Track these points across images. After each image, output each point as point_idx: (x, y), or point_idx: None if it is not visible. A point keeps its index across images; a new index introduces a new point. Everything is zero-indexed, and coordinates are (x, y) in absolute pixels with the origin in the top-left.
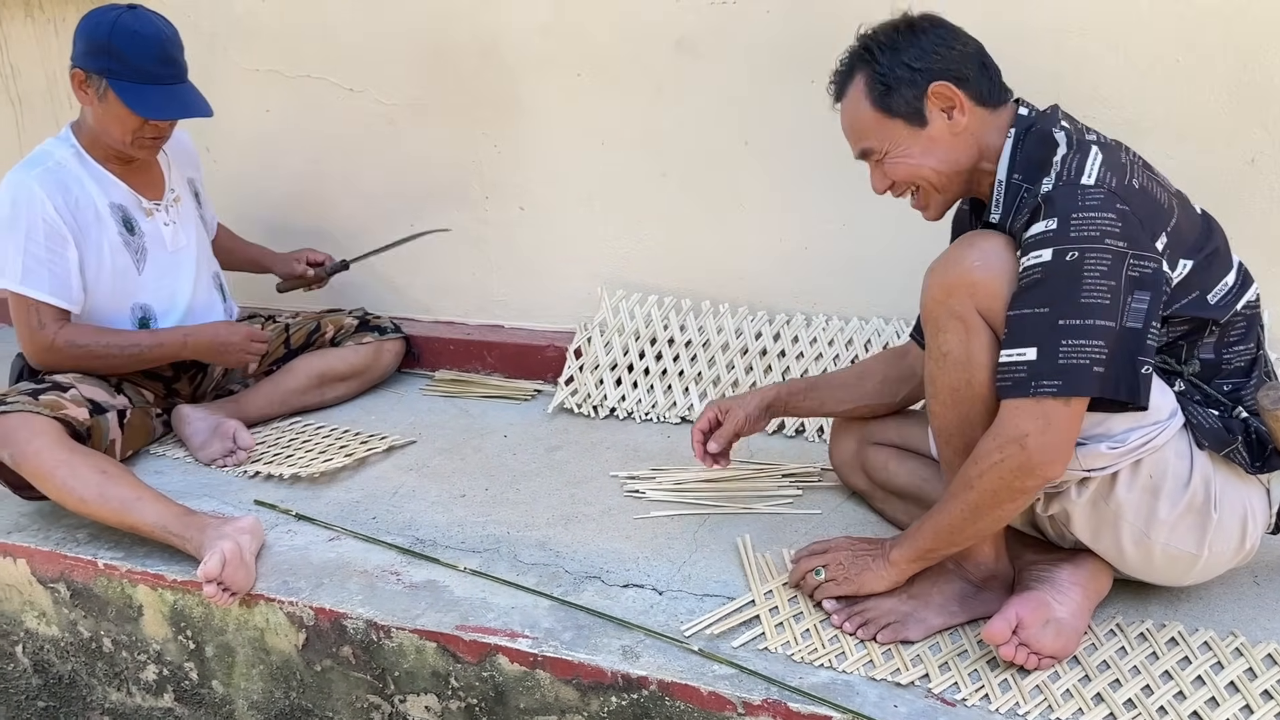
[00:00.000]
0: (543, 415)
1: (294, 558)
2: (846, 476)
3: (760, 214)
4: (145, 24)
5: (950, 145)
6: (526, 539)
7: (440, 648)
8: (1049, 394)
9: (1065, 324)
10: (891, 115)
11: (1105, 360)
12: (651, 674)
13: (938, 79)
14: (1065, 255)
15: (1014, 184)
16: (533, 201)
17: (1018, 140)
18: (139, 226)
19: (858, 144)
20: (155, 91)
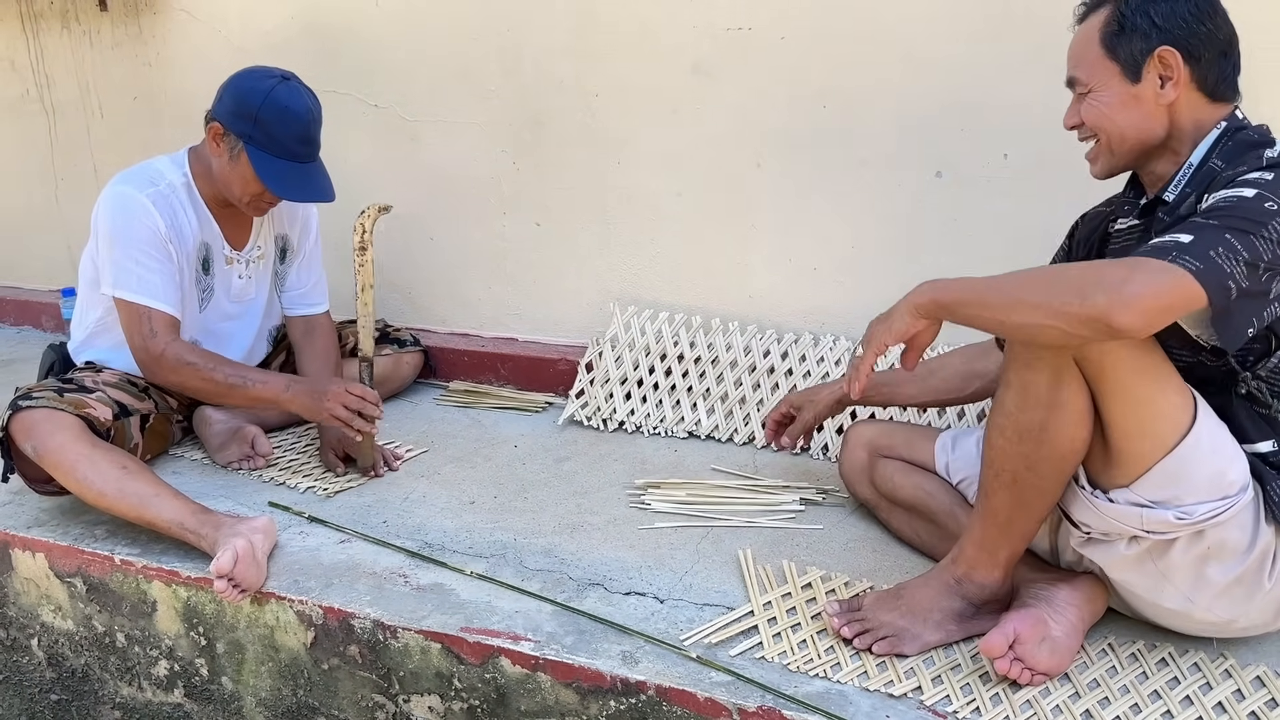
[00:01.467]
0: (553, 427)
1: (305, 558)
2: (854, 486)
3: (771, 235)
4: (297, 100)
5: (1149, 113)
6: (532, 546)
7: (445, 649)
8: (1185, 266)
9: (1230, 239)
10: (1112, 57)
11: (1238, 290)
12: (650, 679)
13: (1170, 45)
14: (1265, 202)
15: (1211, 167)
16: (549, 218)
17: (1225, 134)
18: (214, 268)
19: (1071, 69)
20: (289, 168)
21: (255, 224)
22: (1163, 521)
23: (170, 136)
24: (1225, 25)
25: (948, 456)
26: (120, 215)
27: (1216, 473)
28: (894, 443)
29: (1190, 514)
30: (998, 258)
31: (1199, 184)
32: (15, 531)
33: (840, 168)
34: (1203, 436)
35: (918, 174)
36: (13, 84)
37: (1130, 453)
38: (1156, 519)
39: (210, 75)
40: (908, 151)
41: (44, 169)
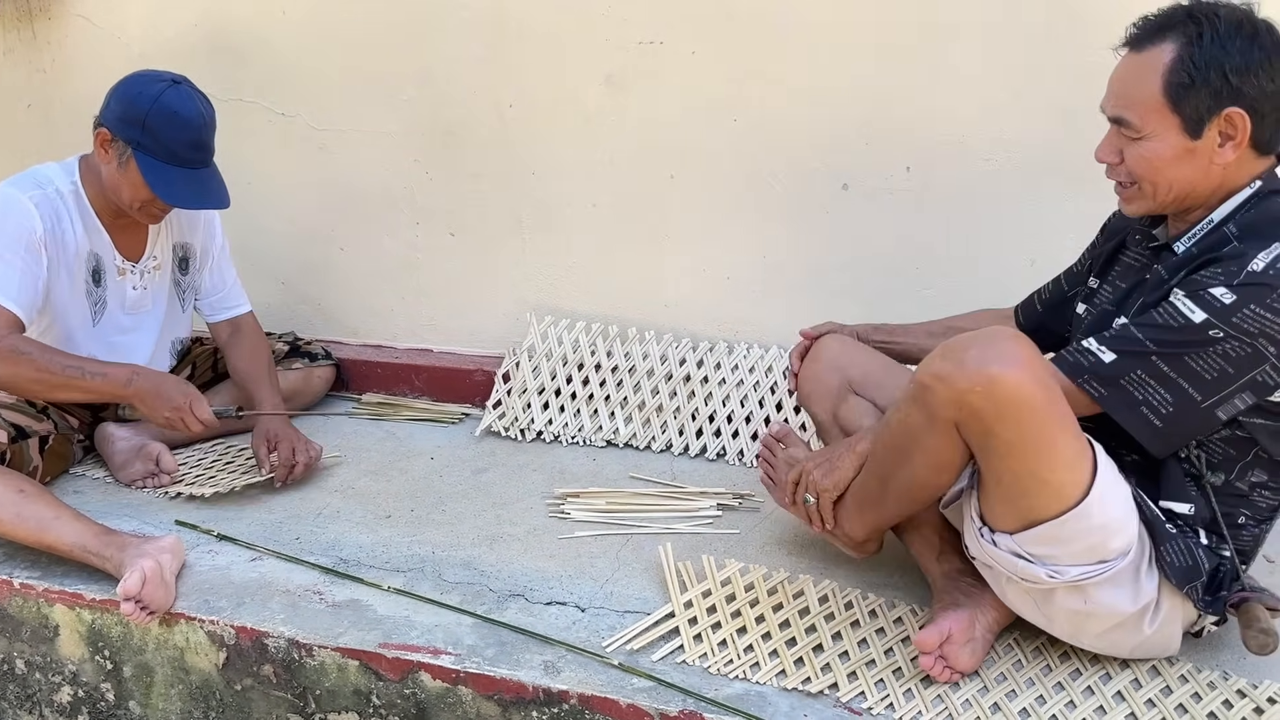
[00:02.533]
0: (470, 438)
1: (215, 577)
2: (811, 404)
3: (685, 245)
4: (187, 105)
5: (1203, 170)
6: (451, 559)
7: (362, 665)
8: (1088, 392)
9: (1155, 364)
10: (1174, 109)
11: (1165, 417)
12: (572, 688)
13: (1241, 105)
14: (1210, 329)
15: (1225, 232)
16: (463, 228)
17: (1256, 195)
18: (105, 280)
19: (1119, 108)
20: (179, 174)
21: (151, 233)
22: (1035, 575)
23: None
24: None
25: None
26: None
27: (1099, 543)
28: (868, 381)
29: (1062, 574)
30: (900, 267)
31: (1207, 245)
32: None
33: (751, 179)
34: (1092, 510)
35: (825, 186)
36: None
37: (1015, 509)
38: (1030, 571)
39: (108, 82)
40: (815, 164)
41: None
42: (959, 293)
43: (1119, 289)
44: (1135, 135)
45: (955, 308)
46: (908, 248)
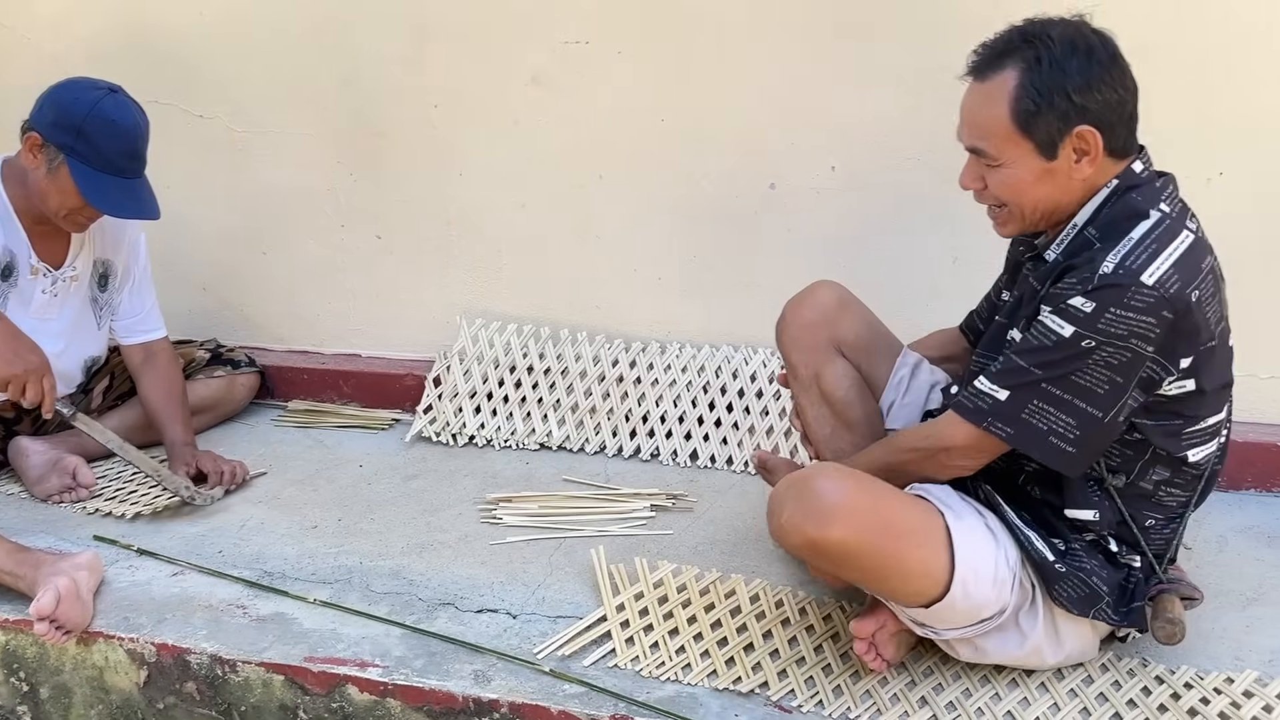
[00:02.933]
0: (400, 444)
1: (135, 593)
2: (791, 352)
3: (615, 245)
4: (124, 114)
5: (1064, 186)
6: (379, 568)
7: (288, 680)
8: (997, 435)
9: (1047, 390)
10: (1026, 135)
11: (1074, 440)
12: (503, 697)
13: (1089, 123)
14: (1082, 340)
15: (1087, 236)
16: (390, 230)
17: (1113, 194)
18: (15, 277)
19: (974, 138)
20: (112, 183)
21: (74, 245)
22: (919, 627)
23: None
24: (1132, 84)
25: (896, 396)
26: None
27: (969, 613)
28: (857, 345)
29: (939, 634)
30: (829, 265)
31: (1073, 250)
32: None
33: (680, 179)
34: (955, 601)
35: (753, 185)
36: None
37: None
38: (915, 625)
39: (19, 84)
40: (743, 163)
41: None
42: (886, 290)
43: (1017, 300)
44: (994, 163)
45: (881, 305)
46: (835, 246)
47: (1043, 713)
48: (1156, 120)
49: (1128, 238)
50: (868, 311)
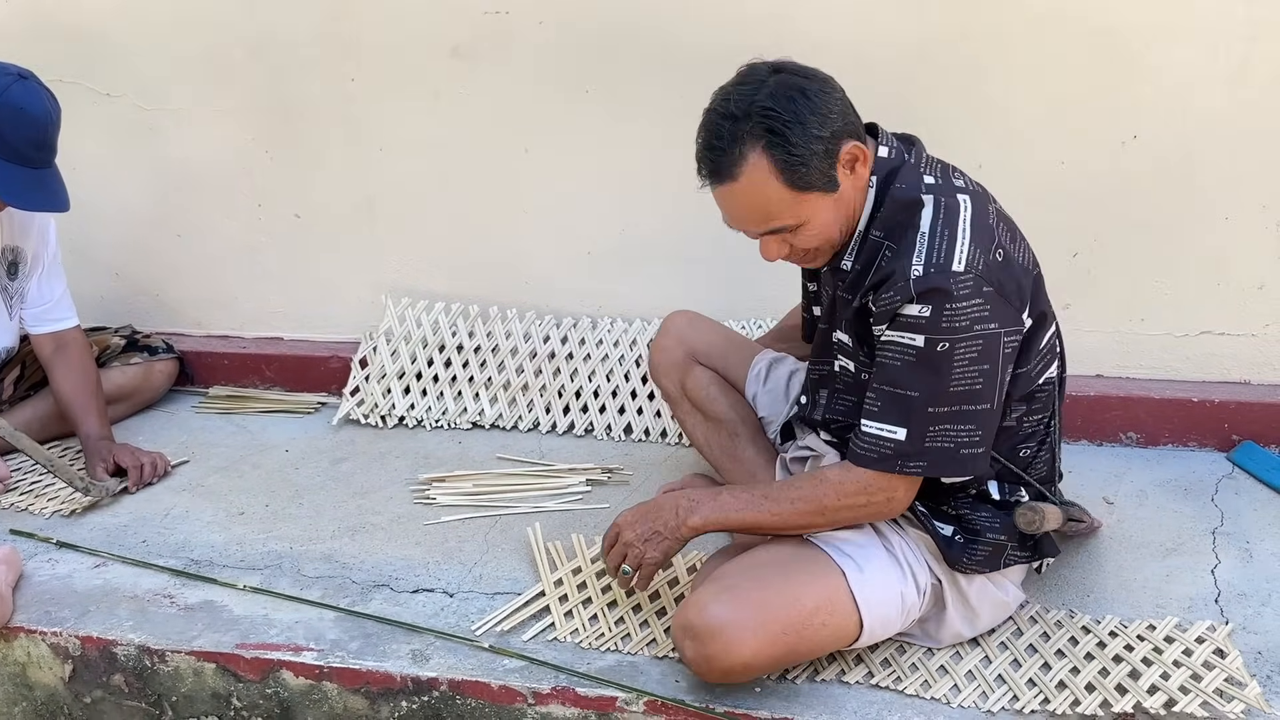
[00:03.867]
0: (327, 428)
1: (56, 587)
2: (660, 378)
3: (544, 220)
4: (35, 102)
5: (853, 198)
6: (311, 553)
7: (220, 668)
8: (911, 474)
9: (935, 411)
10: (808, 190)
11: (980, 440)
12: (442, 674)
13: (843, 140)
14: (937, 345)
15: (873, 240)
16: (309, 209)
17: (880, 192)
18: None
19: (765, 223)
20: (21, 174)
21: None
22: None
23: None
24: (835, 85)
25: (758, 388)
26: None
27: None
28: (711, 352)
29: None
30: None
31: (866, 258)
32: None
33: (608, 150)
34: (875, 629)
35: (682, 155)
36: None
37: None
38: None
39: None
40: (672, 134)
41: None
42: None
43: (826, 299)
44: (795, 228)
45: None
46: None
47: (975, 665)
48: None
49: (919, 234)
50: (717, 324)
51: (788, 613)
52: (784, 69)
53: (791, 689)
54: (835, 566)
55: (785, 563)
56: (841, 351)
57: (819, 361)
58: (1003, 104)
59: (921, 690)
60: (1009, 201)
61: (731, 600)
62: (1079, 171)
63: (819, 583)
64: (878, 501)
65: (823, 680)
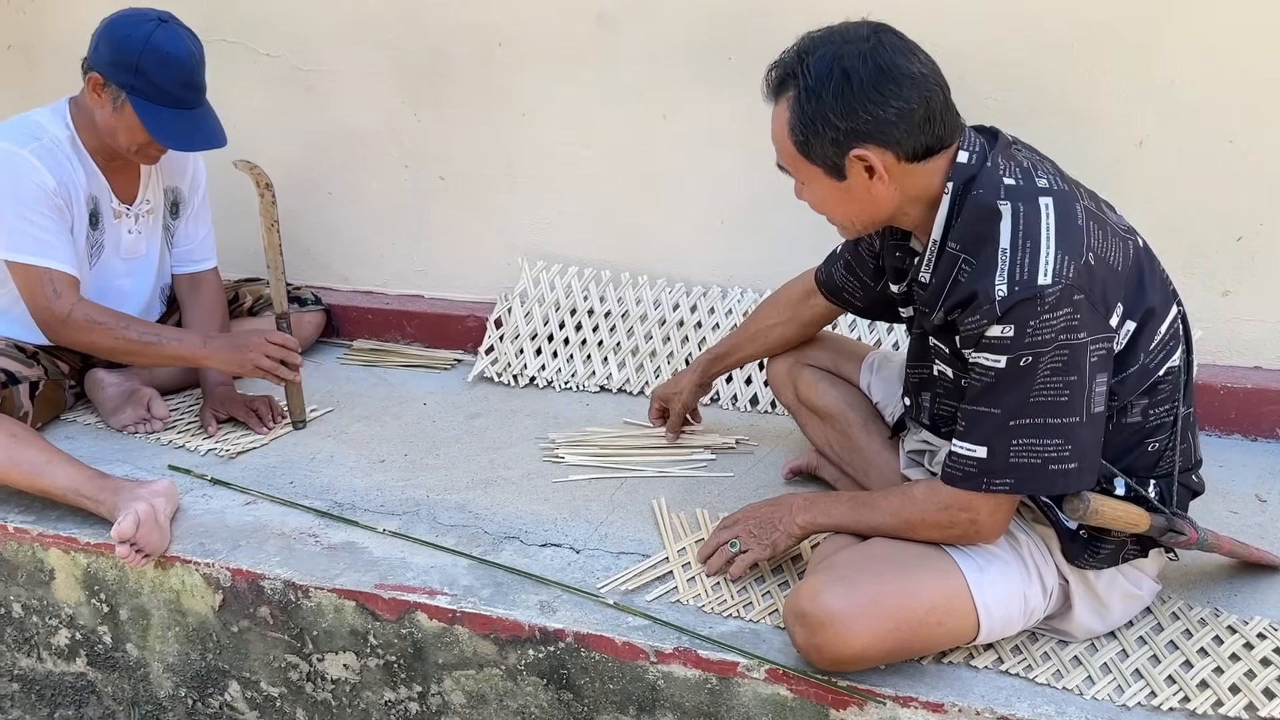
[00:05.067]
0: (462, 384)
1: (210, 521)
2: (778, 390)
3: (678, 188)
4: (177, 44)
5: (866, 200)
6: (446, 502)
7: (359, 606)
8: (999, 491)
9: (1016, 424)
10: (810, 161)
11: (1070, 455)
12: (568, 626)
13: (861, 143)
14: (1020, 361)
15: (950, 252)
16: (453, 171)
17: (955, 199)
18: (102, 224)
19: (779, 157)
20: (174, 116)
21: (143, 176)
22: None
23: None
24: (913, 89)
25: (871, 376)
26: (5, 173)
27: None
28: (821, 355)
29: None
30: None
31: (943, 273)
32: None
33: (745, 120)
34: (994, 629)
35: None
36: None
37: None
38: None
39: (90, 20)
40: None
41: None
42: None
43: (916, 311)
44: (799, 181)
45: None
46: None
47: (1111, 658)
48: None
49: (999, 250)
50: (828, 331)
51: (902, 609)
52: (879, 40)
53: (916, 669)
54: (955, 565)
55: (903, 557)
56: (939, 356)
57: (918, 365)
58: (1168, 76)
59: (1053, 679)
60: (1167, 181)
61: (845, 592)
62: (1249, 150)
63: (936, 581)
64: (960, 523)
65: (949, 662)
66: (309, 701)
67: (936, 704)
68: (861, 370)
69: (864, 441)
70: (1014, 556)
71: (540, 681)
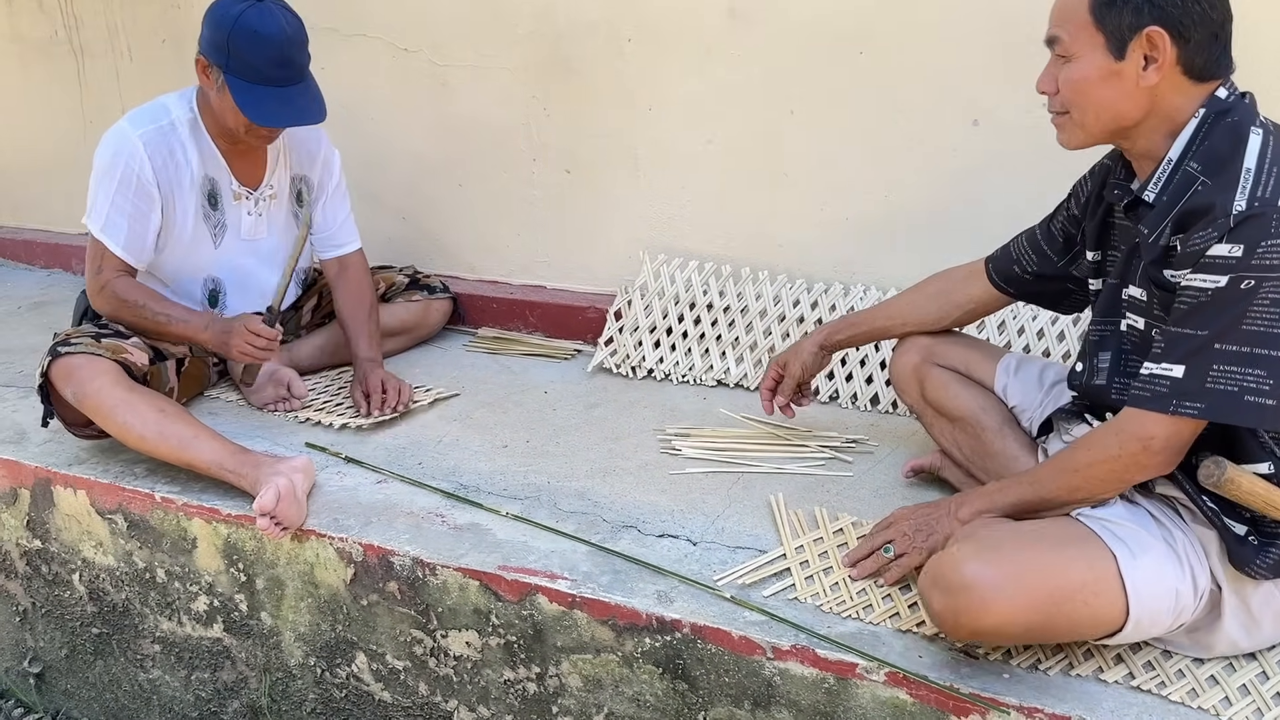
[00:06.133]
0: (582, 374)
1: (344, 497)
2: (902, 391)
3: (803, 183)
4: (269, 22)
5: (1128, 92)
6: (566, 489)
7: (483, 586)
8: (1189, 415)
9: (1222, 348)
10: (1099, 26)
11: (1270, 391)
12: (685, 618)
13: (1162, 25)
14: (1241, 283)
15: (1188, 171)
16: (579, 164)
17: (1204, 123)
18: (221, 204)
19: (1054, 27)
20: (268, 94)
21: (269, 163)
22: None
23: None
24: (1222, 3)
25: (1008, 379)
26: (109, 151)
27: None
28: (951, 354)
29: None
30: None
31: (1177, 190)
32: (57, 469)
33: (875, 115)
34: (1127, 637)
35: (955, 122)
36: (41, 25)
37: None
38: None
39: None
40: (945, 99)
41: (73, 110)
42: None
43: (1119, 258)
44: (1065, 55)
45: None
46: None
47: (1250, 680)
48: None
49: (1244, 169)
50: (958, 332)
51: (1051, 581)
52: None
53: (1043, 680)
54: (1107, 549)
55: (1053, 533)
56: (1131, 308)
57: (1102, 322)
58: None
59: (1188, 698)
60: None
61: (992, 559)
62: None
63: (1087, 561)
64: (1132, 451)
65: (1078, 675)
66: (432, 676)
67: (1063, 716)
68: (998, 372)
69: (999, 445)
70: (1169, 551)
71: (656, 670)
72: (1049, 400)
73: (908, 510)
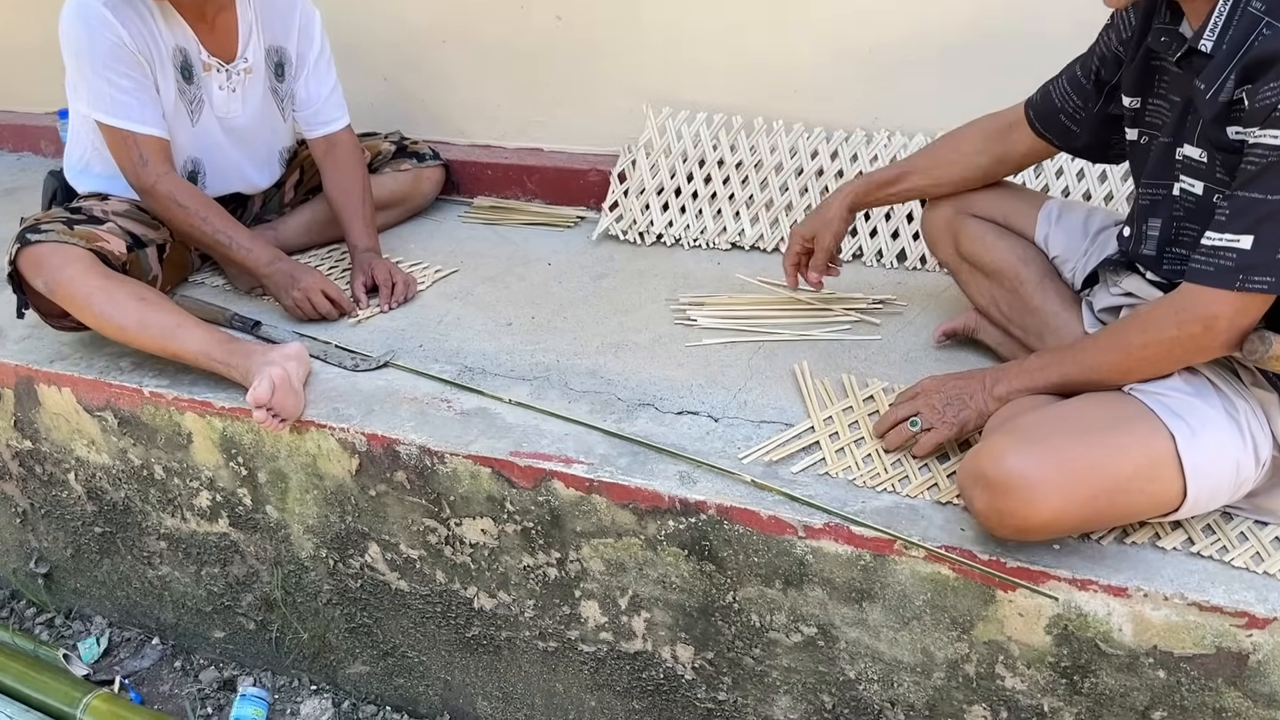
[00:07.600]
0: (587, 242)
1: (342, 385)
2: (934, 245)
3: (819, 16)
4: None
5: None
6: (576, 367)
7: (495, 473)
8: (1257, 289)
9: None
10: None
11: None
12: (710, 498)
13: None
14: None
15: (1251, 13)
16: (571, 10)
17: None
18: (195, 77)
19: None
20: None
21: (241, 34)
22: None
23: None
24: None
25: (1049, 227)
26: (80, 29)
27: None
28: (987, 204)
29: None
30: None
31: (1237, 37)
32: (38, 366)
33: None
34: (1200, 499)
35: None
36: None
37: None
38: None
39: None
40: None
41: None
42: None
43: (1168, 114)
44: None
45: None
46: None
47: None
48: None
49: None
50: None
51: (1101, 474)
52: None
53: (1096, 550)
54: (1163, 427)
55: (1102, 418)
56: (1186, 170)
57: (1152, 185)
58: None
59: (1252, 563)
60: None
61: (1036, 453)
62: None
63: (1141, 445)
64: (1192, 333)
65: (1133, 543)
66: (448, 564)
67: (1119, 588)
68: (1039, 220)
69: (1039, 300)
70: (1229, 422)
71: (681, 552)
72: (1094, 250)
73: (937, 381)
